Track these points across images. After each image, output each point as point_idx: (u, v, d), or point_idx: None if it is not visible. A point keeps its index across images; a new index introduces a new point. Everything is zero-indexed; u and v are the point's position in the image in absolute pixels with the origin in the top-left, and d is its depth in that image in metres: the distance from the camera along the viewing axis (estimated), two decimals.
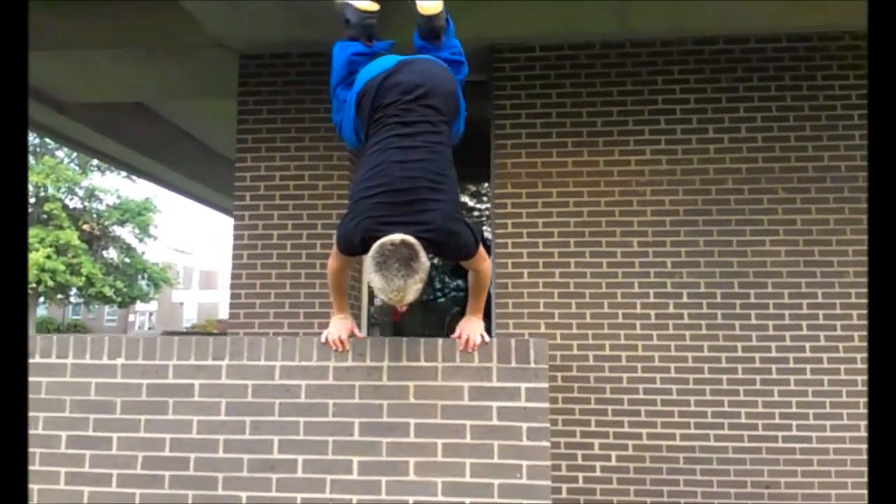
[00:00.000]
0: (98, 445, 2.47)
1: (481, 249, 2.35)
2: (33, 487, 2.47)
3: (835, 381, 3.96)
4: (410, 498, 2.34)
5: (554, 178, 4.29)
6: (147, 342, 2.53)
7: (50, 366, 2.55)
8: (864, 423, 3.88)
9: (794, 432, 3.96)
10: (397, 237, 2.08)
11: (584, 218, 4.25)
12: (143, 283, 30.79)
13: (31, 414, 2.48)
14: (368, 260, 2.10)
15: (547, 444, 2.33)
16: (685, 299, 4.15)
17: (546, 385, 2.36)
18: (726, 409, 4.03)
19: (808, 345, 4.02)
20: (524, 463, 2.32)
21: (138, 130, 6.32)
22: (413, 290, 2.07)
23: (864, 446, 3.87)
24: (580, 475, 3.99)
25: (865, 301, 3.97)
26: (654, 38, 4.23)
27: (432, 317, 5.99)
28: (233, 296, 4.47)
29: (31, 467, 2.48)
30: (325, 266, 4.36)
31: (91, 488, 2.44)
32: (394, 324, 5.88)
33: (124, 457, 2.45)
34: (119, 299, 28.06)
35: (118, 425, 2.48)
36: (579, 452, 4.00)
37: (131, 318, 43.00)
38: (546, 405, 2.35)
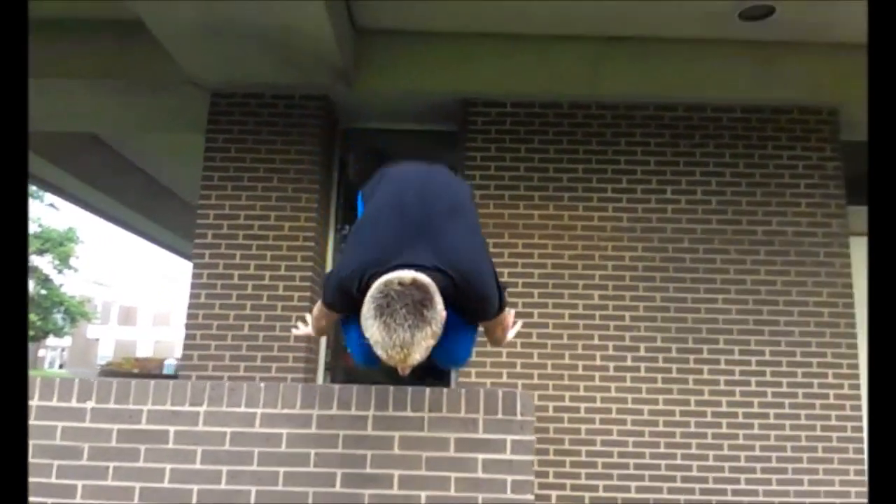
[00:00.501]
0: (62, 493, 2.33)
1: (507, 311, 2.06)
2: None
3: (780, 436, 4.16)
4: None
5: (520, 230, 4.42)
6: (120, 385, 2.44)
7: None
8: (807, 478, 4.08)
9: (743, 485, 4.11)
10: (407, 275, 1.65)
11: (547, 270, 4.37)
12: (58, 316, 29.25)
13: None
14: (366, 303, 1.66)
15: (532, 497, 2.36)
16: (642, 352, 4.30)
17: (532, 437, 2.40)
18: (679, 461, 4.15)
19: (756, 400, 4.22)
20: None
21: (88, 162, 6.13)
22: (422, 347, 1.63)
23: (808, 500, 4.06)
24: None
25: (810, 360, 4.22)
26: (620, 101, 4.47)
27: None
28: (187, 336, 4.33)
29: None
30: (286, 308, 4.35)
31: None
32: (345, 370, 5.78)
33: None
34: (31, 333, 26.50)
35: (84, 472, 2.35)
36: None
37: (41, 353, 40.56)
38: (531, 458, 2.38)
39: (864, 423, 4.17)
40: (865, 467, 4.08)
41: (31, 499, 2.31)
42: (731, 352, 4.28)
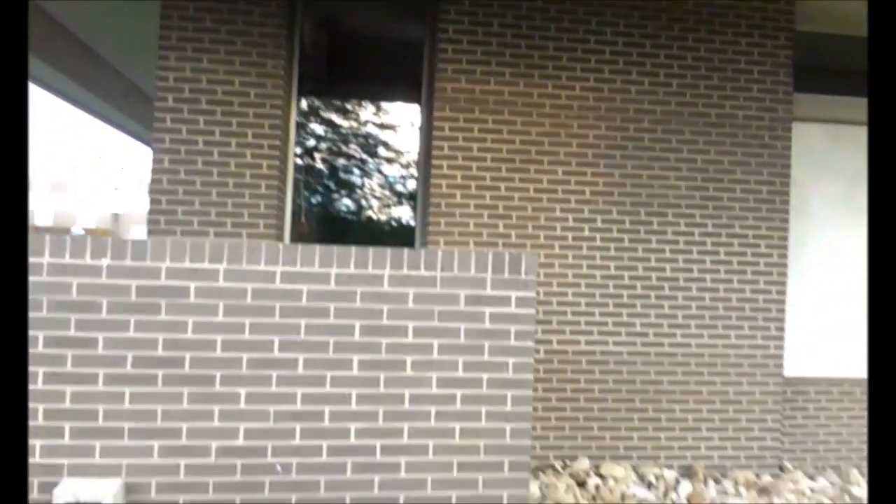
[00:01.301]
0: (82, 345, 2.41)
1: None
2: None
3: (714, 297, 4.67)
4: (406, 391, 2.57)
5: (490, 106, 4.49)
6: (136, 243, 2.46)
7: None
8: (734, 333, 4.65)
9: (679, 339, 4.65)
10: None
11: (516, 146, 4.52)
12: None
13: None
14: None
15: (532, 343, 2.64)
16: (599, 224, 4.62)
17: (533, 294, 2.65)
18: (625, 318, 4.61)
19: (695, 266, 4.69)
20: (510, 360, 2.63)
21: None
22: None
23: (733, 351, 4.66)
24: None
25: (746, 231, 4.68)
26: None
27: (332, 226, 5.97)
28: (152, 201, 4.26)
29: None
30: (255, 176, 4.32)
31: (74, 387, 2.40)
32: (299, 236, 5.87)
33: (112, 356, 2.42)
34: None
35: (105, 325, 2.43)
36: None
37: None
38: (533, 311, 2.65)
39: (788, 288, 4.74)
40: (784, 325, 4.69)
41: (48, 350, 2.38)
42: (678, 224, 4.67)
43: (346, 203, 5.16)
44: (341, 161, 5.09)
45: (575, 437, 4.55)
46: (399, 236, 5.08)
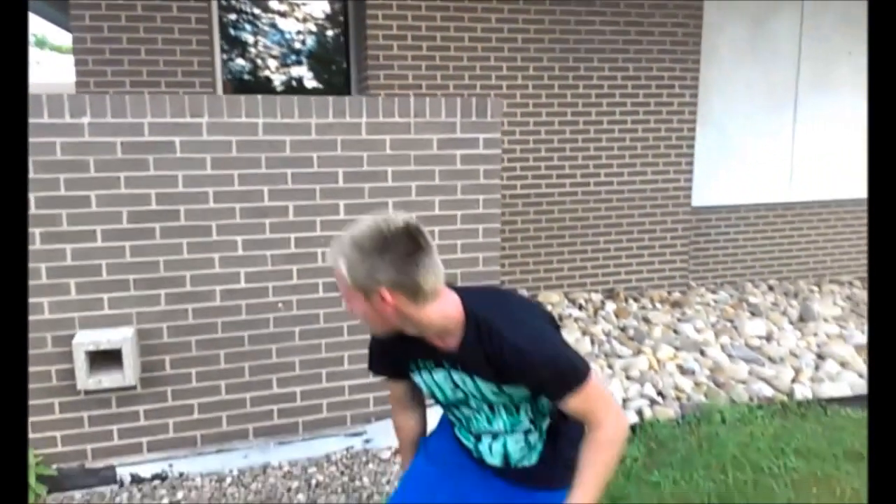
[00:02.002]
0: (75, 204, 2.48)
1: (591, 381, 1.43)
2: None
3: (634, 138, 5.12)
4: None
5: None
6: (115, 99, 2.48)
7: None
8: (650, 170, 5.17)
9: (602, 178, 5.12)
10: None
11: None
12: None
13: None
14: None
15: (499, 181, 2.94)
16: (531, 72, 4.84)
17: (499, 135, 2.91)
18: (556, 162, 5.00)
19: (617, 110, 5.07)
20: (481, 197, 2.93)
21: None
22: None
23: (649, 186, 5.20)
24: None
25: (663, 74, 5.06)
26: None
27: None
28: (78, 62, 4.06)
29: None
30: (184, 31, 4.16)
31: (73, 245, 2.50)
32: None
33: (107, 213, 2.51)
34: None
35: (95, 183, 2.49)
36: None
37: None
38: (499, 151, 2.92)
39: (698, 126, 5.24)
40: (693, 160, 5.25)
41: (40, 211, 2.44)
42: (603, 69, 4.97)
43: (272, 60, 5.06)
44: (263, 15, 4.92)
45: (514, 273, 5.05)
46: (333, 92, 5.10)
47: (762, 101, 5.60)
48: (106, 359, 2.52)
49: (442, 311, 1.38)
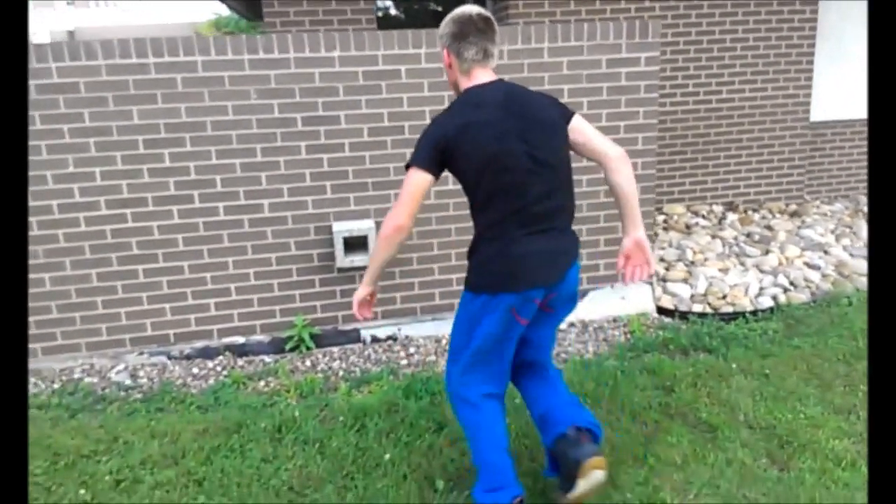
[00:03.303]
0: (329, 122, 3.23)
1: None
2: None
3: (756, 54, 5.50)
4: None
5: None
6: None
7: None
8: (770, 86, 5.56)
9: (724, 95, 5.55)
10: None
11: None
12: None
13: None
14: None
15: (657, 95, 3.52)
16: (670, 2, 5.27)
17: (658, 53, 3.47)
18: (679, 81, 5.46)
19: (740, 27, 5.44)
20: (641, 109, 3.52)
21: None
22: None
23: (769, 102, 5.59)
24: None
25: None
26: None
27: None
28: (266, 3, 4.81)
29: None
30: None
31: (329, 155, 3.26)
32: None
33: (351, 129, 3.25)
34: None
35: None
36: None
37: None
38: (657, 68, 3.49)
39: (817, 41, 5.55)
40: (812, 75, 5.59)
41: (308, 128, 3.20)
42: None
43: None
44: None
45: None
46: None
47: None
48: (353, 244, 3.32)
49: (464, 87, 1.97)
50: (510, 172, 1.89)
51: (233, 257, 3.29)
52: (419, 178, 1.88)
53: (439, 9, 5.71)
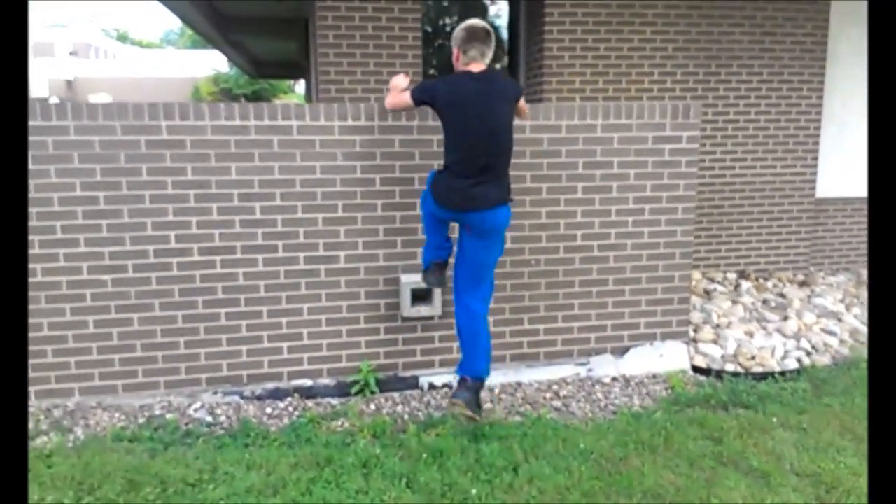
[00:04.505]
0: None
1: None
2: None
3: (766, 135, 6.01)
4: (613, 207, 3.86)
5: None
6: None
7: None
8: (780, 163, 6.05)
9: (737, 170, 6.02)
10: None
11: (612, 10, 5.54)
12: None
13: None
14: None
15: (696, 170, 3.93)
16: (678, 76, 5.79)
17: (698, 132, 3.89)
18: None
19: (752, 110, 5.96)
20: (681, 182, 3.92)
21: None
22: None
23: (779, 178, 6.07)
24: None
25: (794, 77, 5.94)
26: None
27: None
28: (322, 73, 5.21)
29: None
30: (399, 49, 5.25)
31: (401, 213, 3.59)
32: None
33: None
34: None
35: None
36: None
37: None
38: (697, 146, 3.91)
39: (822, 123, 6.08)
40: (818, 154, 6.10)
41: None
42: (740, 73, 5.89)
43: None
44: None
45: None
46: None
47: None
48: (419, 296, 3.62)
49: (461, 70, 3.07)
50: (470, 123, 2.93)
51: (308, 304, 3.56)
52: (407, 100, 3.11)
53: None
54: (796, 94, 6.05)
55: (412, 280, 3.58)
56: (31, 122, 3.15)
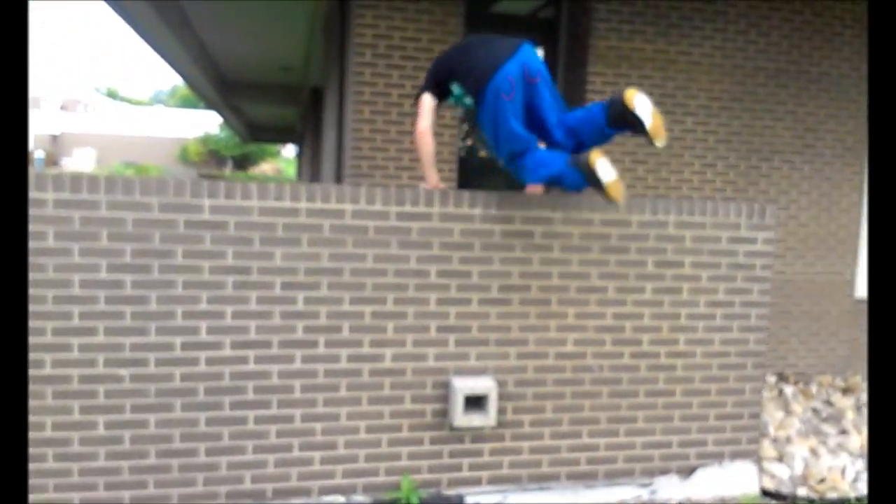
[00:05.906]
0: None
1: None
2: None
3: (807, 232, 5.82)
4: (683, 310, 3.56)
5: (634, 61, 5.34)
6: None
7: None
8: (821, 262, 5.85)
9: (777, 267, 5.80)
10: None
11: (655, 98, 5.41)
12: None
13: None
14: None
15: (770, 273, 3.66)
16: (719, 168, 5.63)
17: (773, 234, 3.65)
18: None
19: (793, 205, 5.79)
20: (755, 286, 3.64)
21: None
22: None
23: (819, 277, 5.86)
24: None
25: (837, 174, 5.81)
26: None
27: None
28: (354, 148, 4.97)
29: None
30: (441, 125, 5.05)
31: (456, 308, 3.26)
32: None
33: (481, 284, 3.28)
34: None
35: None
36: None
37: None
38: (772, 248, 3.65)
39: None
40: (858, 254, 5.91)
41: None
42: (781, 168, 5.75)
43: None
44: None
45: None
46: None
47: None
48: (472, 403, 3.25)
49: None
50: None
51: (347, 408, 3.17)
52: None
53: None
54: (837, 192, 5.92)
55: (466, 385, 3.21)
56: (57, 195, 2.81)
